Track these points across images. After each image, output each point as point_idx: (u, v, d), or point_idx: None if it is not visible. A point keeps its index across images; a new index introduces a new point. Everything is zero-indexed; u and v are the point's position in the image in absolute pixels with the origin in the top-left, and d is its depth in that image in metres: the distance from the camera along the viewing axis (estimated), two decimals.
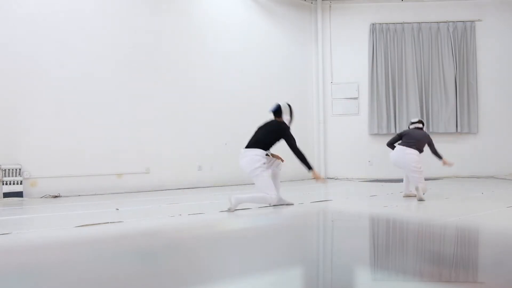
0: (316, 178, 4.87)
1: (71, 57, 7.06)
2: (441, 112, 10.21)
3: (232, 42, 9.16)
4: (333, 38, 10.63)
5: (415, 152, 5.75)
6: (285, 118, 5.03)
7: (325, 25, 10.65)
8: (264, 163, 4.75)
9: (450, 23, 10.32)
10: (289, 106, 5.12)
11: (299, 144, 4.87)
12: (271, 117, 5.17)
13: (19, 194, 6.44)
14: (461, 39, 10.30)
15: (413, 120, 6.29)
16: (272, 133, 4.90)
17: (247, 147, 4.88)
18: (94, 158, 7.20)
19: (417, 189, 5.39)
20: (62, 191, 6.80)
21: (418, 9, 10.43)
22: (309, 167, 4.77)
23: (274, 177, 4.95)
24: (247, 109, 9.24)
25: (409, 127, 6.25)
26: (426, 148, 5.97)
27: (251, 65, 9.46)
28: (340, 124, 10.55)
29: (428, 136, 6.05)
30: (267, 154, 4.83)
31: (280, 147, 4.94)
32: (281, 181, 5.16)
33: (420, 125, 6.17)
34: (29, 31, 6.69)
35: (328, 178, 10.38)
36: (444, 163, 6.04)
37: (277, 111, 5.07)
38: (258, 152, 4.76)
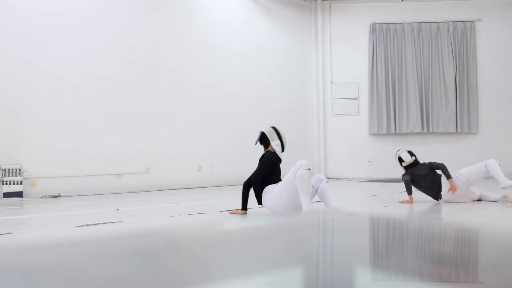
0: (235, 213, 4.44)
1: (71, 57, 7.06)
2: (441, 112, 10.20)
3: (232, 42, 9.16)
4: (333, 38, 10.63)
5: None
6: (274, 144, 4.35)
7: (325, 25, 10.65)
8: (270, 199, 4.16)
9: (450, 23, 10.31)
10: (274, 128, 4.44)
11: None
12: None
13: (19, 194, 6.44)
14: (461, 39, 10.30)
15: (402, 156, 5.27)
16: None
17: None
18: (94, 158, 7.20)
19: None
20: (62, 191, 6.80)
21: (418, 9, 10.43)
22: (258, 201, 4.23)
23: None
24: (247, 109, 9.24)
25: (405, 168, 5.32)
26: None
27: (251, 65, 9.46)
28: (340, 124, 10.55)
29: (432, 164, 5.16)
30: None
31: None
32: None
33: (413, 159, 5.25)
34: (29, 32, 6.69)
35: (328, 178, 10.38)
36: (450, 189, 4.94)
37: (262, 140, 4.44)
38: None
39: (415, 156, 5.31)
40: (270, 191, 4.15)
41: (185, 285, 0.55)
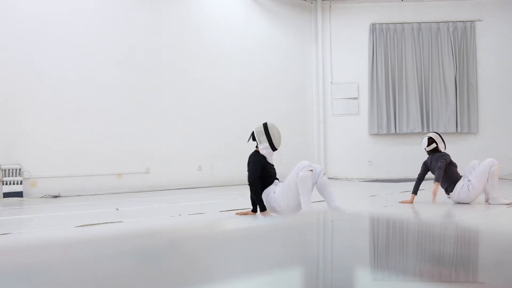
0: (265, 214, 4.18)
1: (71, 58, 7.06)
2: (441, 112, 10.20)
3: (232, 42, 9.16)
4: (333, 38, 10.63)
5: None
6: (261, 147, 4.19)
7: (325, 25, 10.65)
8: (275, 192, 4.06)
9: (450, 23, 10.31)
10: (265, 127, 4.20)
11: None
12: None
13: (19, 194, 6.44)
14: (461, 39, 10.30)
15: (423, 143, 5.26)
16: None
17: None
18: (94, 158, 7.20)
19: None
20: (62, 191, 6.80)
21: (418, 9, 10.43)
22: (261, 208, 4.08)
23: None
24: (247, 109, 9.23)
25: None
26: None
27: (251, 65, 9.46)
28: (340, 124, 10.55)
29: (441, 157, 5.02)
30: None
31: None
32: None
33: (433, 146, 5.15)
34: (29, 32, 6.69)
35: (328, 178, 10.39)
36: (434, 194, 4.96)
37: (254, 139, 4.26)
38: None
39: (436, 144, 5.16)
40: (270, 192, 4.06)
41: (185, 285, 0.55)
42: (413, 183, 5.30)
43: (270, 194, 4.07)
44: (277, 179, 4.24)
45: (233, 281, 0.57)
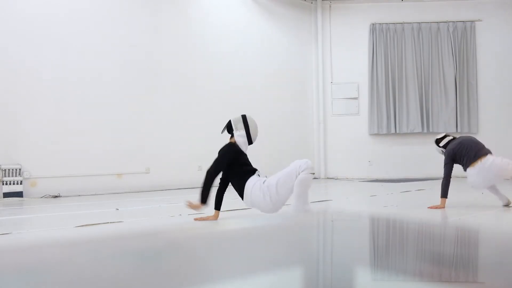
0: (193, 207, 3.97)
1: (71, 57, 7.05)
2: (441, 112, 10.20)
3: (232, 42, 9.16)
4: (333, 38, 10.63)
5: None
6: (237, 134, 4.00)
7: (325, 25, 10.65)
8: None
9: (450, 23, 10.31)
10: (243, 117, 4.05)
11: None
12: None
13: (19, 194, 6.44)
14: (461, 39, 10.30)
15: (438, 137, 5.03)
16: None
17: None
18: (94, 158, 7.20)
19: None
20: (62, 191, 6.80)
21: (418, 9, 10.43)
22: (203, 200, 3.93)
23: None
24: (247, 109, 9.22)
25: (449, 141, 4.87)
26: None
27: (251, 65, 9.46)
28: (340, 124, 10.55)
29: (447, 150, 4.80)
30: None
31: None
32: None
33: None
34: (29, 32, 6.69)
35: (328, 178, 10.39)
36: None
37: (229, 128, 4.08)
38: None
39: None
40: (255, 182, 3.75)
41: (185, 285, 0.55)
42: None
43: (256, 184, 3.74)
44: (257, 169, 3.98)
45: (233, 281, 0.57)
